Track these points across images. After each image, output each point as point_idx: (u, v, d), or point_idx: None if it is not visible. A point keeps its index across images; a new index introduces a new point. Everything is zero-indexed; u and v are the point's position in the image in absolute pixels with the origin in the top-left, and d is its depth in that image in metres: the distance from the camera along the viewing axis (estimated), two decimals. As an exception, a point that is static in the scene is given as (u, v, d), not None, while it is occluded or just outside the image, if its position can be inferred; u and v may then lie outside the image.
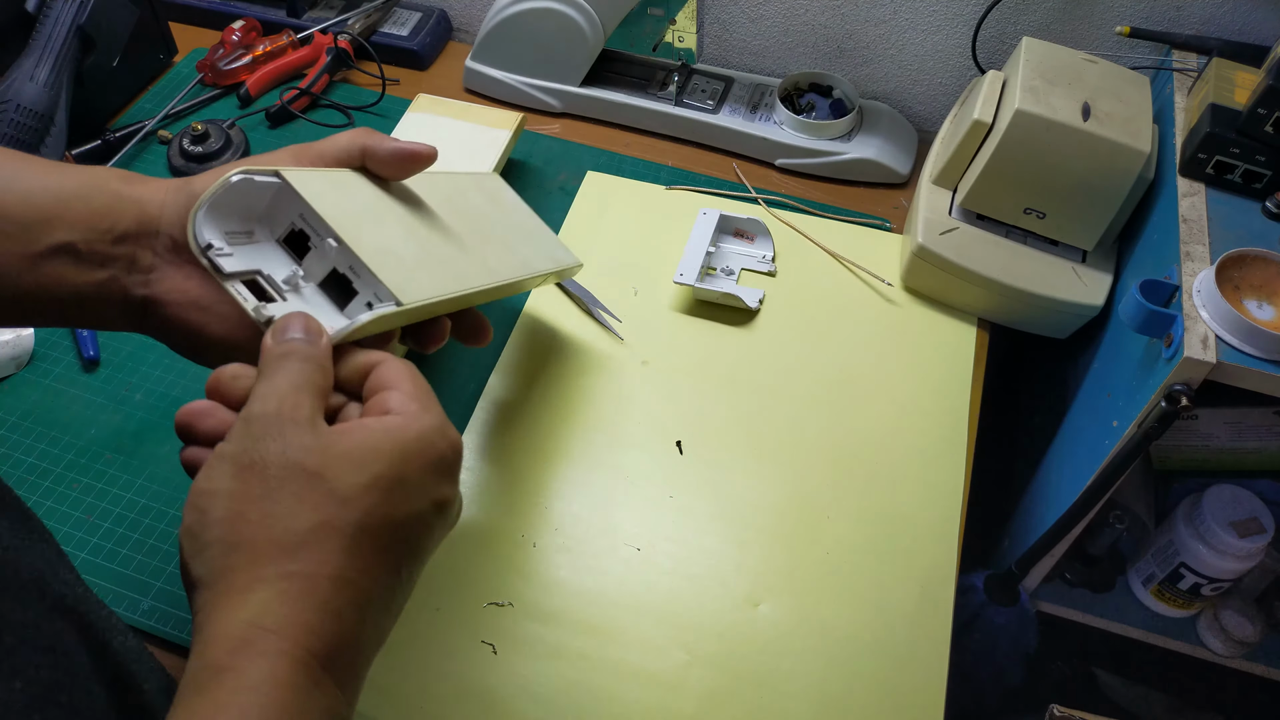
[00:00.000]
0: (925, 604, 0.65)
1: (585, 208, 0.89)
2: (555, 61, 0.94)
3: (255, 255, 0.46)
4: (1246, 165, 0.71)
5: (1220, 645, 0.88)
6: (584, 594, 0.65)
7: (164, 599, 0.64)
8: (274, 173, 0.45)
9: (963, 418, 0.75)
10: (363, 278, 0.45)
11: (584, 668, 0.61)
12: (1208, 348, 0.62)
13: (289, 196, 0.45)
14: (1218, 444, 0.87)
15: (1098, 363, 0.80)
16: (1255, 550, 0.81)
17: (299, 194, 0.45)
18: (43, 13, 0.83)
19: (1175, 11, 0.86)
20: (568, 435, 0.73)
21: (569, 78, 0.95)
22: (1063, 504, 0.76)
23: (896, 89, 0.99)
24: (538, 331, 0.79)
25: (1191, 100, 0.78)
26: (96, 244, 0.45)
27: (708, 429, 0.73)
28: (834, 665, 0.62)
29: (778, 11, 0.97)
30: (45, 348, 0.78)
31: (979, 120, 0.76)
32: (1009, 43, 0.92)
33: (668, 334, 0.79)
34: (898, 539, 0.68)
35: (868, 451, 0.72)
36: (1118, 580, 0.91)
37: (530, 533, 0.67)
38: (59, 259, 0.44)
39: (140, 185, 0.47)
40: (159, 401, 0.75)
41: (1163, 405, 0.63)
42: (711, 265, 0.83)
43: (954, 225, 0.79)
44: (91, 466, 0.70)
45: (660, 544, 0.67)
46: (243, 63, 0.99)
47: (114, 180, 0.46)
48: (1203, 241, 0.69)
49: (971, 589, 0.86)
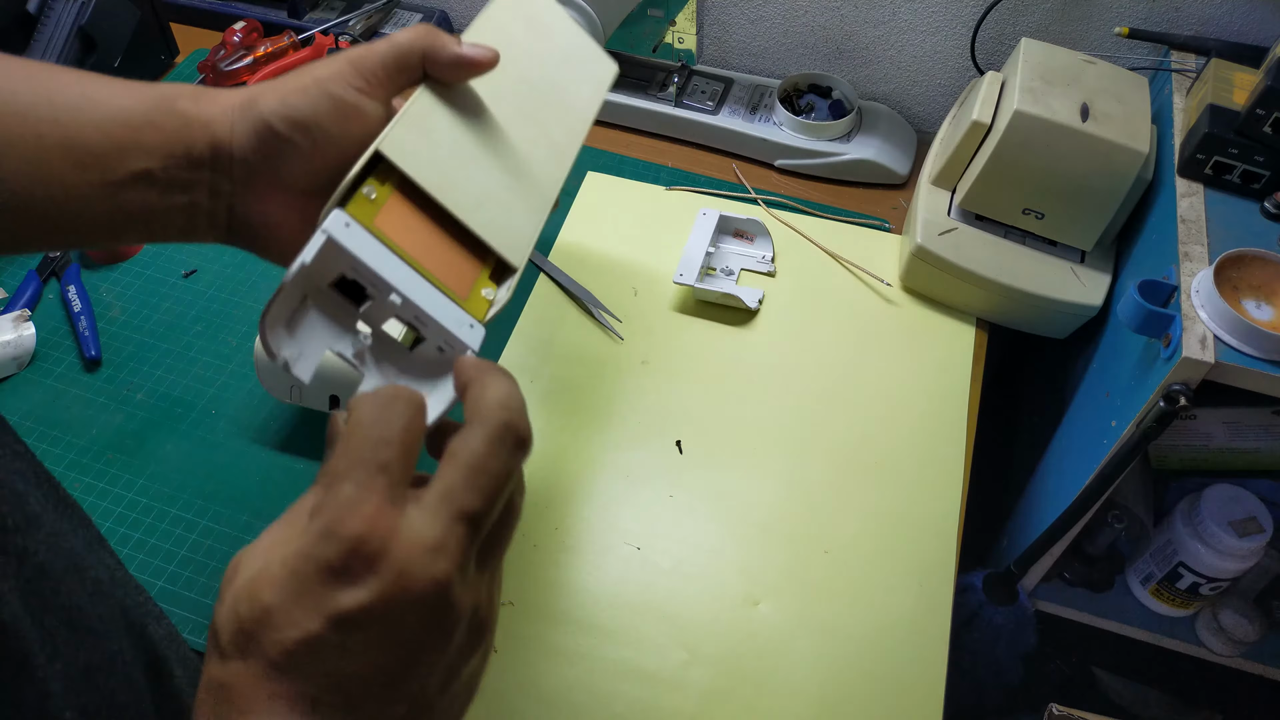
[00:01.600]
0: (924, 603, 0.65)
1: (585, 208, 0.89)
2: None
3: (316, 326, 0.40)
4: (1245, 166, 0.71)
5: (1219, 644, 0.88)
6: (584, 594, 0.65)
7: (164, 599, 0.64)
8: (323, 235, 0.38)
9: (961, 417, 0.75)
10: (429, 326, 0.41)
11: (584, 668, 0.61)
12: (1206, 348, 0.62)
13: (336, 252, 0.39)
14: (1216, 444, 0.87)
15: (1096, 363, 0.80)
16: (1254, 550, 0.81)
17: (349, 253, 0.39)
18: (44, 14, 0.83)
19: (1174, 12, 0.86)
20: (567, 435, 0.73)
21: (569, 78, 0.95)
22: (1061, 503, 0.76)
23: (896, 90, 1.00)
24: (538, 331, 0.79)
25: (1190, 101, 0.79)
26: (174, 169, 0.44)
27: (708, 429, 0.73)
28: (833, 664, 0.62)
29: (777, 13, 0.97)
30: (46, 347, 0.78)
31: (978, 121, 0.76)
32: (1008, 44, 0.92)
33: (668, 334, 0.79)
34: (897, 538, 0.68)
35: (867, 451, 0.73)
36: (1116, 579, 0.92)
37: (530, 533, 0.68)
38: (138, 186, 0.43)
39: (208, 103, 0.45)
40: (160, 401, 0.75)
41: (1161, 405, 0.63)
42: (711, 265, 0.84)
43: (953, 226, 0.79)
44: (93, 466, 0.71)
45: (660, 544, 0.67)
46: (244, 64, 0.99)
47: (181, 100, 0.45)
48: (1201, 242, 0.69)
49: (970, 588, 0.86)
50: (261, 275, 0.84)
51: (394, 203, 0.42)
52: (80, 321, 0.79)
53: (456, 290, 0.43)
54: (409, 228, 0.42)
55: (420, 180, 0.43)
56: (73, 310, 0.79)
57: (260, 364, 0.69)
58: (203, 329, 0.80)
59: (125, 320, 0.80)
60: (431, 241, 0.43)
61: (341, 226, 0.39)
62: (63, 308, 0.81)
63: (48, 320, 0.80)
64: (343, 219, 0.39)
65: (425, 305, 0.40)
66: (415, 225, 0.43)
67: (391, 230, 0.41)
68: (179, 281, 0.83)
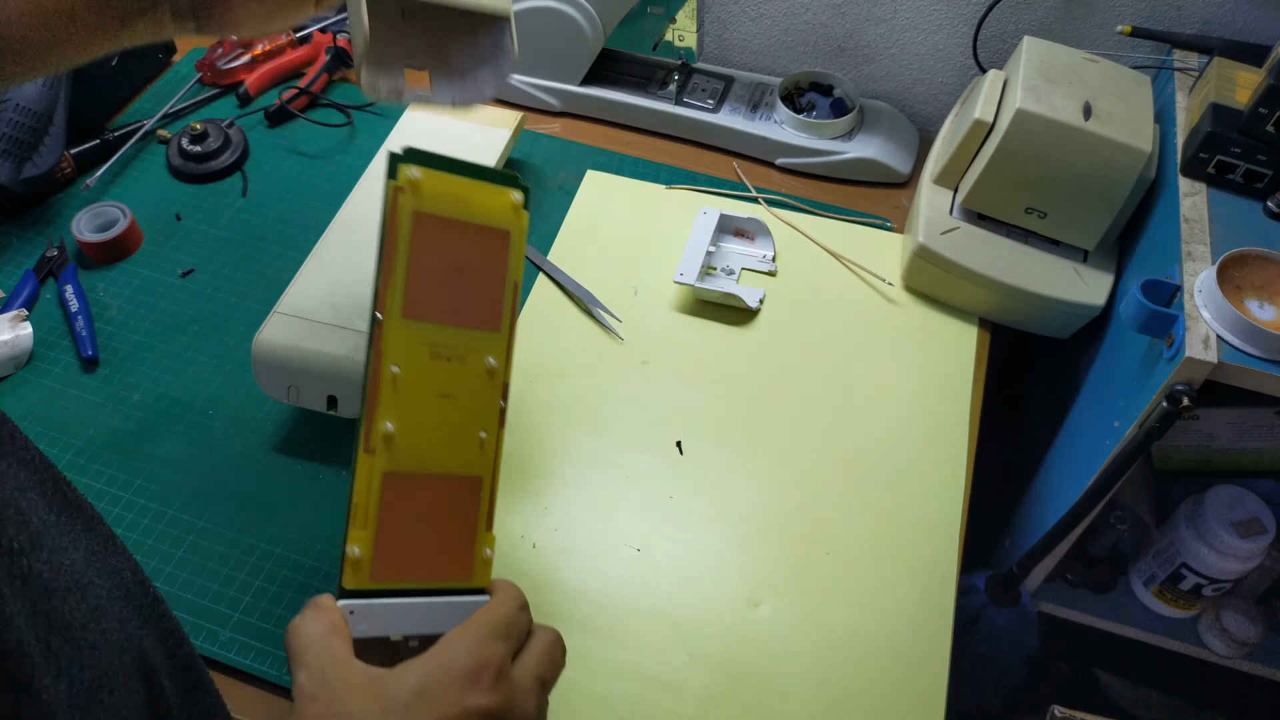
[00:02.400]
0: (926, 605, 0.65)
1: (585, 207, 0.89)
2: (555, 61, 0.94)
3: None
4: (1248, 165, 0.71)
5: (1221, 646, 0.88)
6: (584, 594, 0.64)
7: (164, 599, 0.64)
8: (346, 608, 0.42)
9: (963, 418, 0.75)
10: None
11: (584, 668, 0.61)
12: (1209, 348, 0.62)
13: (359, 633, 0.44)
14: (1219, 444, 0.87)
15: (1099, 363, 0.80)
16: (1256, 551, 0.81)
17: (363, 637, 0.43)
18: (41, 12, 0.83)
19: (1176, 11, 0.85)
20: (568, 435, 0.73)
21: (569, 77, 0.95)
22: (1064, 504, 0.76)
23: (897, 88, 0.99)
24: (538, 331, 0.79)
25: (1193, 100, 0.78)
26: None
27: (708, 429, 0.73)
28: (834, 666, 0.62)
29: (778, 10, 0.97)
30: (43, 348, 0.78)
31: (980, 120, 0.75)
32: (1010, 42, 0.92)
33: (668, 334, 0.79)
34: (898, 539, 0.68)
35: (868, 452, 0.72)
36: (1119, 581, 0.91)
37: (530, 533, 0.67)
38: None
39: None
40: (158, 401, 0.74)
41: (1164, 405, 0.63)
42: (712, 265, 0.83)
43: (955, 225, 0.79)
44: (90, 466, 0.70)
45: (660, 544, 0.67)
46: (241, 62, 0.98)
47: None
48: (1204, 241, 0.69)
49: (972, 589, 0.86)
50: (260, 275, 0.83)
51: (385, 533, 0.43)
52: (77, 321, 0.78)
53: (459, 577, 0.45)
54: (406, 540, 0.44)
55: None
56: (70, 310, 0.79)
57: (258, 364, 0.68)
58: (200, 329, 0.80)
59: (122, 320, 0.80)
60: (427, 536, 0.44)
61: (348, 614, 0.42)
62: (60, 308, 0.80)
63: (45, 320, 0.80)
64: (348, 607, 0.42)
65: (438, 628, 0.43)
66: (409, 523, 0.44)
67: (387, 569, 0.43)
68: (176, 281, 0.83)
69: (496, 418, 0.47)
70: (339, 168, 0.92)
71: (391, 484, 0.43)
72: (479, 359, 0.46)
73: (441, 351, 0.45)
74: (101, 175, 0.89)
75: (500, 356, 0.47)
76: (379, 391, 0.43)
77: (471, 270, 0.46)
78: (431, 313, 0.44)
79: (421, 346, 0.44)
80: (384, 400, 0.43)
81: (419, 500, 0.44)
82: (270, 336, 0.68)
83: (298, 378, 0.68)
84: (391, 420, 0.43)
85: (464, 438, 0.45)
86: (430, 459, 0.44)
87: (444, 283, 0.45)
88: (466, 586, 0.45)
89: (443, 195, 0.44)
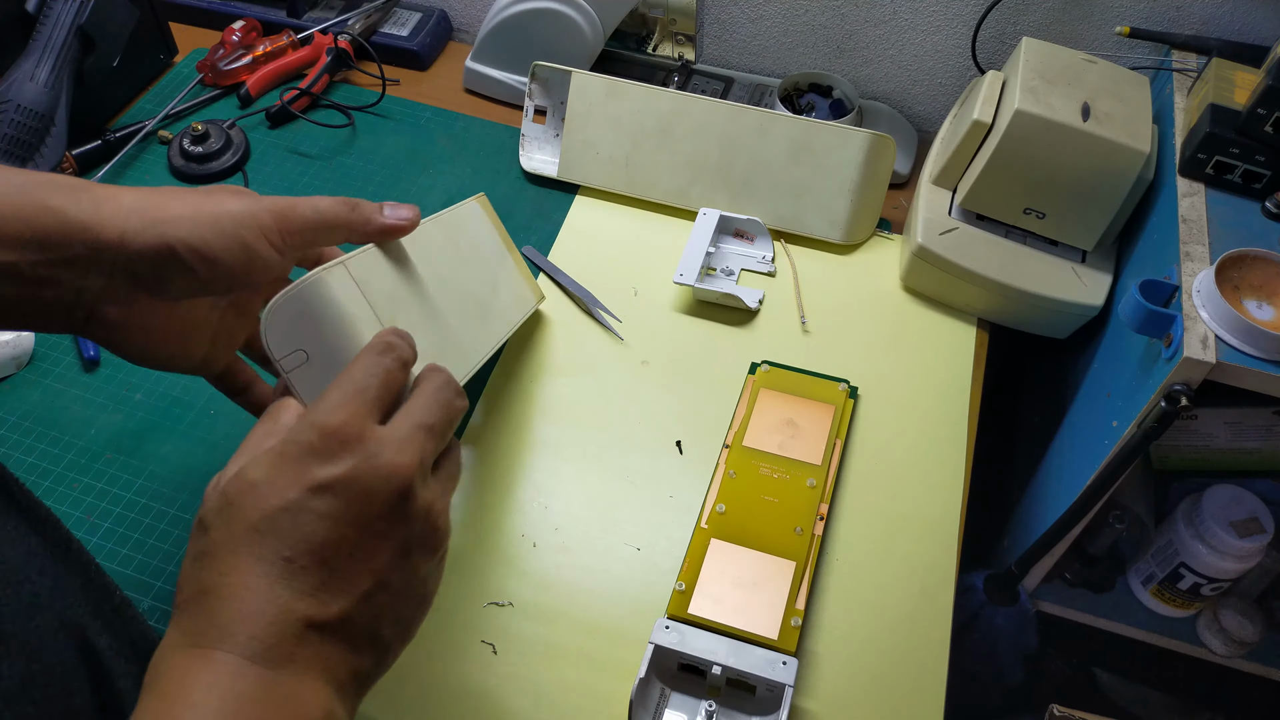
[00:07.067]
0: (925, 604, 0.65)
1: (585, 207, 0.89)
2: (555, 61, 0.94)
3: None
4: (1246, 165, 0.71)
5: (1220, 645, 0.88)
6: (584, 594, 0.65)
7: (165, 599, 0.64)
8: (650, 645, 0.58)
9: (962, 417, 0.75)
10: (749, 677, 0.57)
11: (584, 668, 0.61)
12: (1207, 348, 0.62)
13: (663, 653, 0.58)
14: (1217, 444, 0.87)
15: (1097, 363, 0.80)
16: (1255, 550, 0.81)
17: (672, 650, 0.58)
18: (43, 13, 0.83)
19: (1175, 12, 0.86)
20: (568, 435, 0.73)
21: (569, 78, 0.95)
22: (1062, 504, 0.76)
23: (896, 89, 0.99)
24: (538, 331, 0.79)
25: (1191, 100, 0.78)
26: (41, 267, 0.42)
27: (708, 429, 0.73)
28: (833, 665, 0.62)
29: (777, 11, 0.97)
30: (45, 348, 0.78)
31: (979, 120, 0.76)
32: (1009, 43, 0.92)
33: (668, 334, 0.79)
34: (897, 539, 0.68)
35: (867, 451, 0.72)
36: (1117, 580, 0.91)
37: (530, 533, 0.67)
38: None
39: (91, 205, 0.43)
40: (159, 401, 0.75)
41: (1162, 405, 0.63)
42: (711, 265, 0.83)
43: (954, 225, 0.79)
44: (91, 466, 0.70)
45: (660, 544, 0.67)
46: (243, 63, 0.99)
47: (58, 195, 0.43)
48: (1202, 241, 0.69)
49: (971, 589, 0.86)
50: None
51: (705, 581, 0.61)
52: (79, 321, 0.78)
53: (767, 634, 0.58)
54: (720, 590, 0.60)
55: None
56: (71, 310, 0.79)
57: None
58: (202, 329, 0.80)
59: (124, 320, 0.80)
60: (742, 594, 0.60)
61: (661, 629, 0.58)
62: (61, 307, 0.80)
63: (46, 320, 0.80)
64: (662, 623, 0.58)
65: (742, 666, 0.56)
66: (725, 579, 0.60)
67: (701, 606, 0.59)
68: (178, 281, 0.83)
69: (812, 520, 0.64)
70: (340, 168, 0.92)
71: (716, 549, 0.62)
72: (801, 479, 0.66)
73: (770, 469, 0.66)
74: (103, 176, 0.89)
75: (820, 479, 0.66)
76: (719, 484, 0.66)
77: (802, 425, 0.69)
78: (765, 444, 0.67)
79: (754, 463, 0.66)
80: (721, 490, 0.65)
81: (738, 565, 0.61)
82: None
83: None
84: (723, 504, 0.64)
85: (781, 529, 0.63)
86: (750, 538, 0.62)
87: (777, 429, 0.68)
88: (774, 645, 0.57)
89: (784, 380, 0.72)
